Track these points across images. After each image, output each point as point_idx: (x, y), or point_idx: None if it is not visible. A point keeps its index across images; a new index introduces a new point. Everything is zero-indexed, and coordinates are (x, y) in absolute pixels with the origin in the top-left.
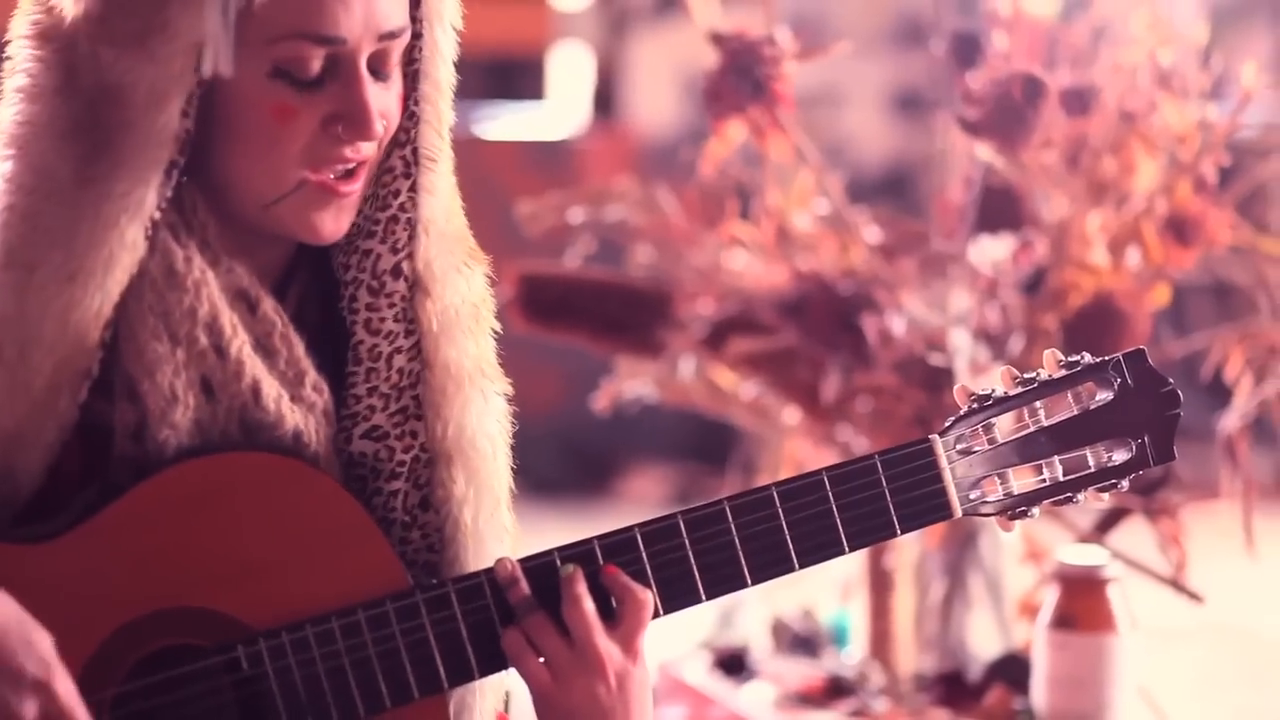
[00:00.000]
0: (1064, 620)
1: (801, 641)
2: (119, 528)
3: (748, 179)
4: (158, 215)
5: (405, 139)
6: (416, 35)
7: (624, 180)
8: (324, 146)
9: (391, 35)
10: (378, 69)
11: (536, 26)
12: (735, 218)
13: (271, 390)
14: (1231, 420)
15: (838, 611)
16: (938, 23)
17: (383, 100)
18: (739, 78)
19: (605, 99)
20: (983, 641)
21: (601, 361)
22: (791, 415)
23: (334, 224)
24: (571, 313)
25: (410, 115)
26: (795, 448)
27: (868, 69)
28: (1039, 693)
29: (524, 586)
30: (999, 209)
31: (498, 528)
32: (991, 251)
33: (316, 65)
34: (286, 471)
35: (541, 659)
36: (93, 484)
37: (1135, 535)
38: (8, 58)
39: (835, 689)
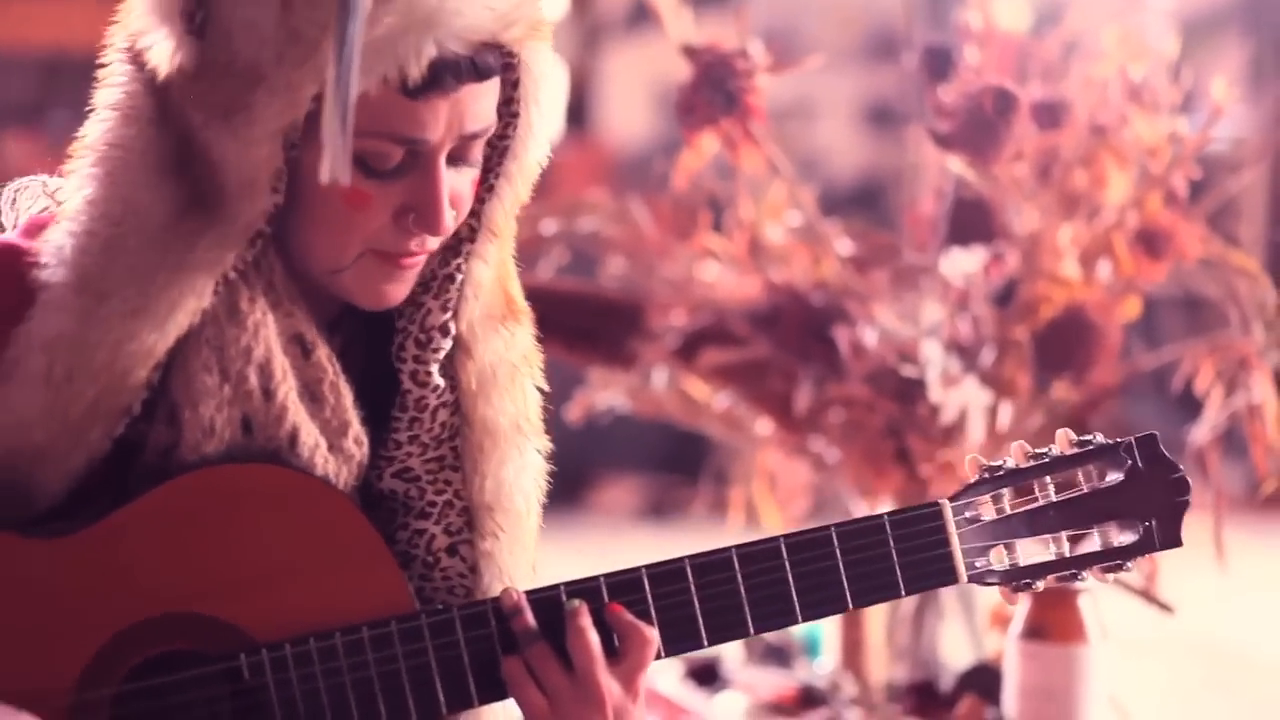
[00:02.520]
0: (1035, 631)
1: (774, 651)
2: (131, 529)
3: (720, 191)
4: (233, 275)
5: (476, 208)
6: (514, 115)
7: (597, 192)
8: (392, 235)
9: (476, 135)
10: (460, 159)
11: None
12: (708, 229)
13: (309, 439)
14: (1202, 432)
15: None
16: (909, 36)
17: (457, 185)
18: (712, 90)
19: (578, 111)
20: (954, 652)
21: (574, 372)
22: (764, 426)
23: (395, 293)
24: (544, 324)
25: (489, 187)
26: (768, 458)
27: (840, 82)
28: (1010, 703)
29: (529, 616)
30: (970, 221)
31: (525, 581)
32: (963, 264)
33: (396, 158)
34: (301, 486)
35: (541, 690)
36: (110, 489)
37: None
38: (99, 66)
39: (807, 699)
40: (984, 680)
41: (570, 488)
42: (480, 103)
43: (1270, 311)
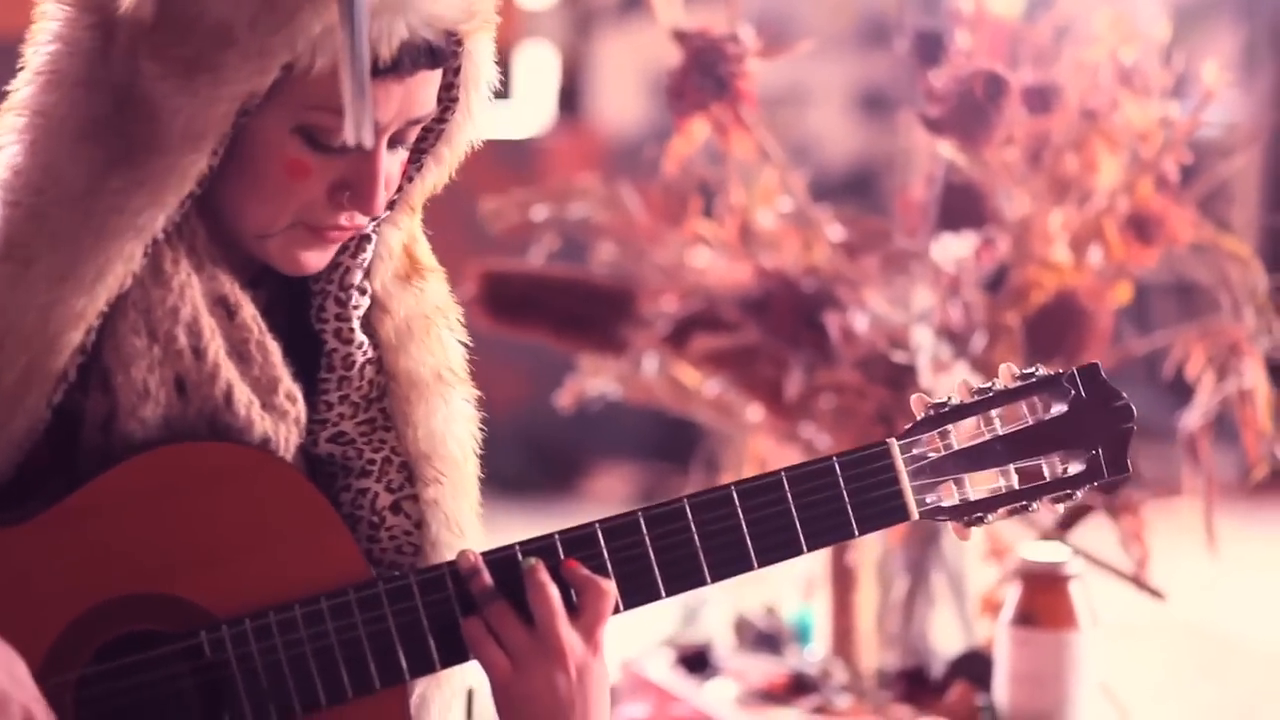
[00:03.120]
0: (1026, 617)
1: (764, 638)
2: (85, 514)
3: (711, 177)
4: (161, 236)
5: (403, 183)
6: (454, 100)
7: (588, 178)
8: (324, 208)
9: (417, 121)
10: (398, 141)
11: (502, 25)
12: (698, 215)
13: (243, 396)
14: (1193, 418)
15: (800, 609)
16: (901, 21)
17: (390, 166)
18: (702, 75)
19: (570, 97)
20: (945, 638)
21: (565, 359)
22: (755, 412)
23: (316, 262)
24: (535, 310)
25: (418, 166)
26: (758, 445)
27: (831, 68)
28: (1001, 689)
29: (486, 577)
30: (961, 207)
31: (470, 529)
32: (954, 249)
33: (339, 135)
34: (251, 461)
35: (503, 648)
36: (60, 469)
37: (1097, 532)
38: (35, 21)
39: (798, 686)
40: (974, 667)
41: (561, 474)
42: (427, 89)
43: (1261, 297)
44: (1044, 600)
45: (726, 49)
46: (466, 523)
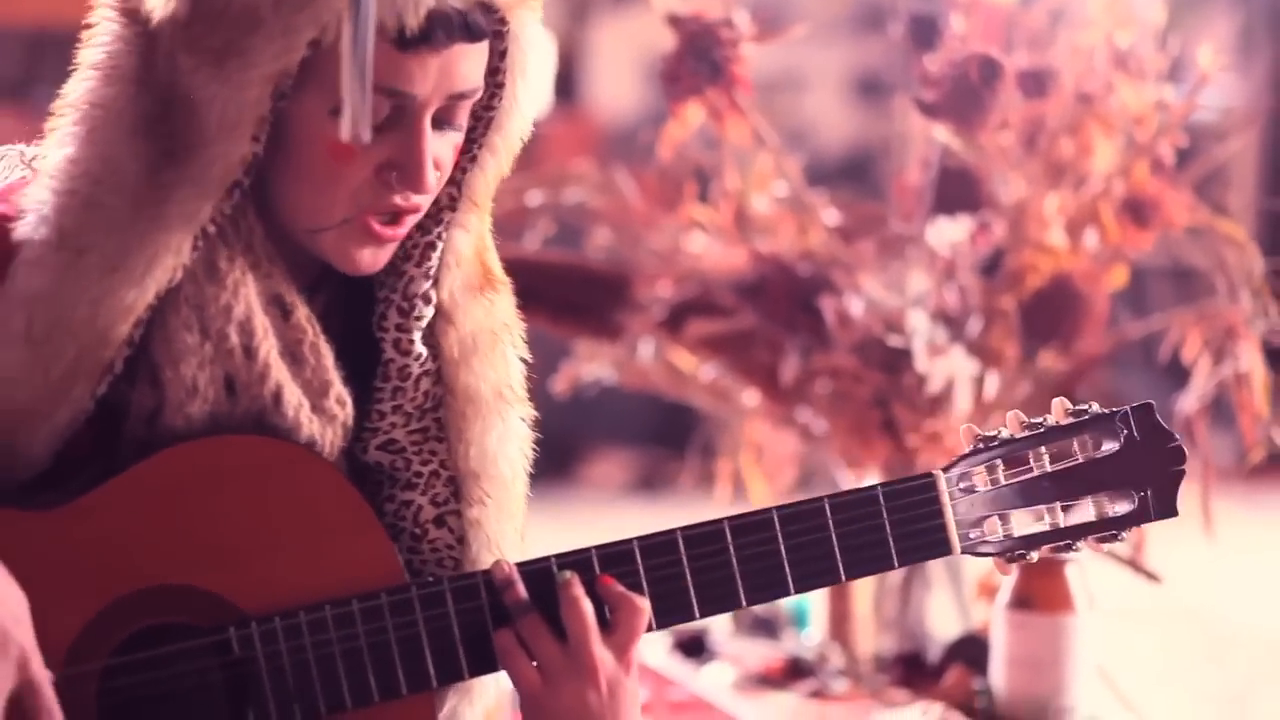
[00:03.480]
0: (1022, 601)
1: (761, 623)
2: (119, 502)
3: (706, 162)
4: (211, 228)
5: (459, 177)
6: (500, 85)
7: (582, 163)
8: (375, 191)
9: (462, 96)
10: (444, 121)
11: None
12: (694, 200)
13: (293, 398)
14: (1189, 401)
15: None
16: (895, 6)
17: (440, 148)
18: (697, 60)
19: (565, 82)
20: (942, 622)
21: (560, 344)
22: (751, 397)
23: (372, 260)
24: (530, 295)
25: (471, 157)
26: (755, 430)
27: (827, 52)
28: (997, 673)
29: (520, 588)
30: (957, 191)
31: (511, 551)
32: (949, 233)
33: (383, 112)
34: (290, 457)
35: (534, 662)
36: (99, 461)
37: None
38: (89, 25)
39: (795, 670)
40: (971, 651)
41: (557, 460)
42: (468, 63)
43: (1257, 280)
44: (1041, 584)
45: (721, 33)
46: (509, 545)
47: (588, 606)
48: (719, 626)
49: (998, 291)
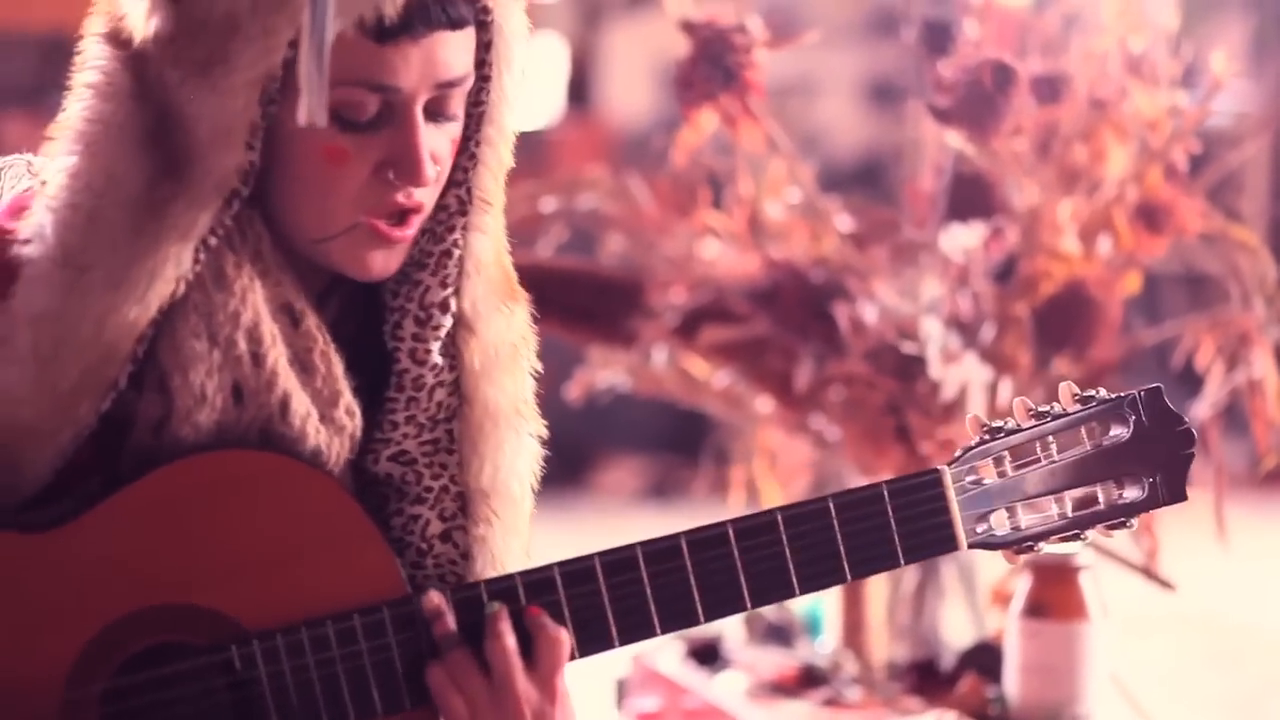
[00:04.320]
0: (1036, 608)
1: (775, 631)
2: (119, 520)
3: (720, 168)
4: (213, 241)
5: (462, 179)
6: (485, 79)
7: (596, 169)
8: (377, 191)
9: (450, 84)
10: (437, 113)
11: None
12: (707, 206)
13: (300, 407)
14: (1203, 408)
15: (811, 601)
16: (909, 11)
17: (436, 141)
18: (710, 66)
19: (578, 88)
20: (955, 630)
21: (574, 351)
22: (764, 404)
23: (384, 264)
24: (544, 302)
25: (470, 156)
26: (768, 436)
27: (840, 58)
28: (1011, 681)
29: (448, 621)
30: (970, 197)
31: (517, 566)
32: (963, 239)
33: (371, 109)
34: (289, 471)
35: (462, 696)
36: (98, 472)
37: None
38: (79, 52)
39: (809, 678)
40: (985, 658)
41: (571, 468)
42: (451, 51)
43: (1271, 286)
44: (1054, 592)
45: (735, 39)
46: (513, 563)
47: (509, 642)
48: (732, 634)
49: (1011, 298)
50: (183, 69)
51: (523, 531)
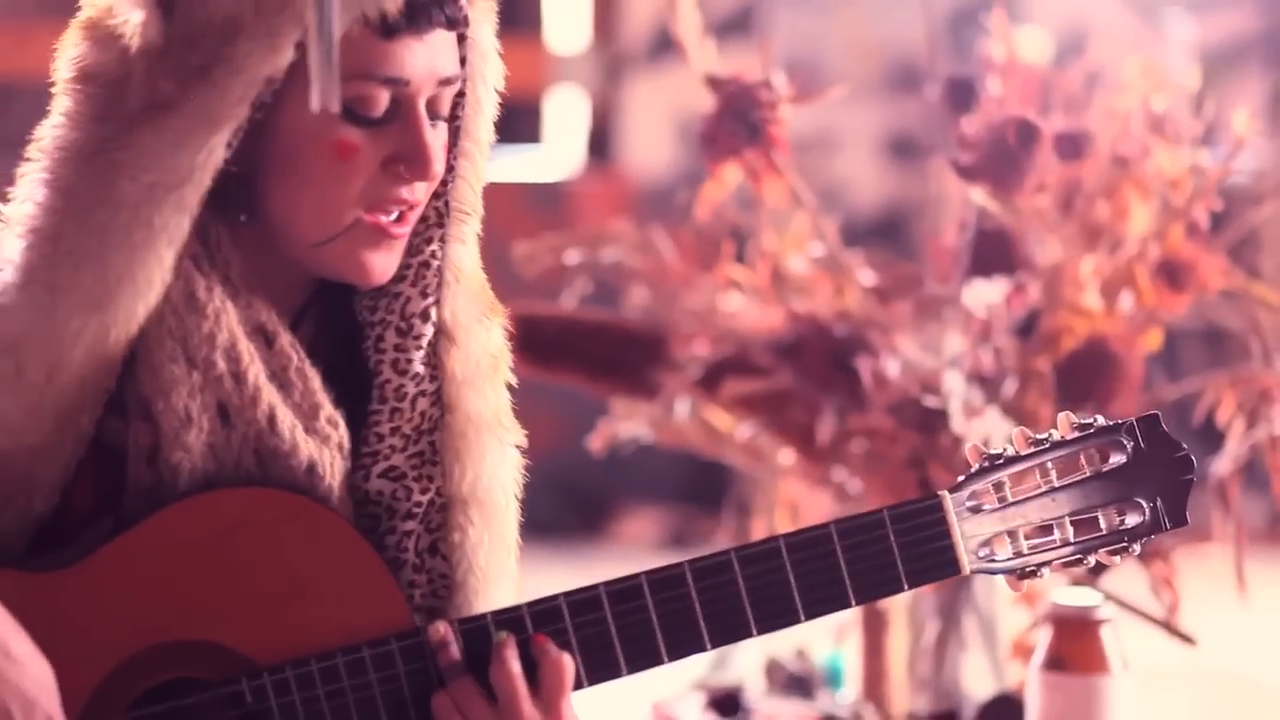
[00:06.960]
0: (1057, 661)
1: (796, 682)
2: (128, 559)
3: (743, 222)
4: (197, 248)
5: (441, 190)
6: (460, 93)
7: (620, 222)
8: (382, 186)
9: (448, 81)
10: (435, 112)
11: (533, 71)
12: (730, 260)
13: (287, 419)
14: (1224, 464)
15: (832, 652)
16: (932, 68)
17: (438, 141)
18: (735, 121)
19: (601, 142)
20: (976, 682)
21: (597, 402)
22: (786, 456)
23: (383, 265)
24: (567, 354)
25: (449, 168)
26: (790, 489)
27: (863, 114)
28: None
29: (453, 650)
30: (993, 252)
31: (505, 574)
32: (985, 295)
33: (383, 104)
34: (296, 508)
35: None
36: (105, 511)
37: (1128, 578)
38: (54, 81)
39: None
40: (1006, 711)
41: (592, 518)
42: (447, 49)
43: None
44: (1075, 645)
45: (759, 95)
46: (495, 569)
47: (515, 669)
48: (753, 685)
49: (1033, 353)
50: (179, 77)
51: (509, 540)
